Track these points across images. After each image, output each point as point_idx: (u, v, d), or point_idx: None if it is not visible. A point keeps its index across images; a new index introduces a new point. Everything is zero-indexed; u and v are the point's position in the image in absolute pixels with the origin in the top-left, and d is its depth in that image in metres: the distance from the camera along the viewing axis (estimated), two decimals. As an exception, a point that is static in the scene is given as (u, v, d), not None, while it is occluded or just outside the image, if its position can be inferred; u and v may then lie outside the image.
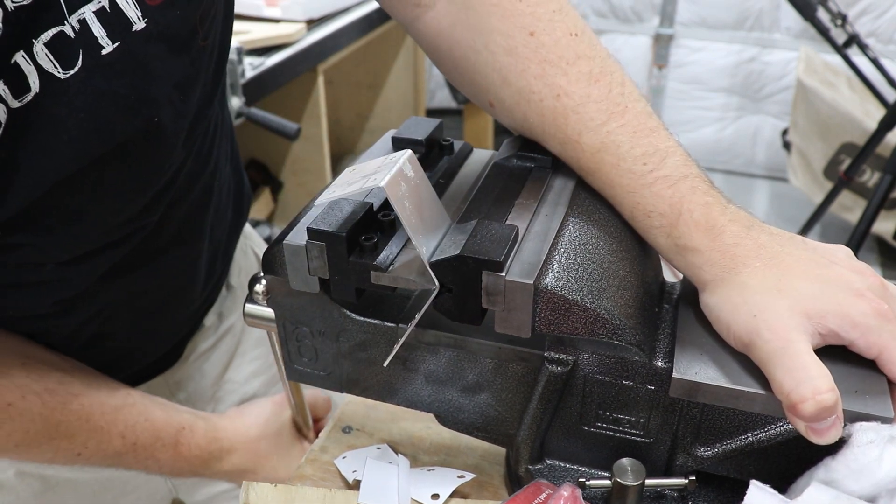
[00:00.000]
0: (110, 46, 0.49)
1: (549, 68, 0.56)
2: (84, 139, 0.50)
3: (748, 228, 0.52)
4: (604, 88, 0.55)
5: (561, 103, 0.55)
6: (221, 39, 0.65)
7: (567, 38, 0.56)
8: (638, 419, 0.54)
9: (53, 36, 0.46)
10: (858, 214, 2.12)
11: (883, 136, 2.14)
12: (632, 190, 0.54)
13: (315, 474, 0.67)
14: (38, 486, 0.76)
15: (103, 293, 0.66)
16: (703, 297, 0.53)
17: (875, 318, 0.48)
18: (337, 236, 0.49)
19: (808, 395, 0.45)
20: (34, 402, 0.61)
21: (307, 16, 1.86)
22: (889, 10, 2.93)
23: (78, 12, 0.47)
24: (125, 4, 0.50)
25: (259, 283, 0.58)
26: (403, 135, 0.62)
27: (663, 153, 0.54)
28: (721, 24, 3.19)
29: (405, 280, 0.50)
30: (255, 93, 1.62)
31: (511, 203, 0.55)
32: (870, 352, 0.48)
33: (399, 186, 0.47)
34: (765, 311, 0.48)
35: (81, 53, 0.48)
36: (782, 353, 0.47)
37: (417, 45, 0.69)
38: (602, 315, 0.49)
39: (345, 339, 0.58)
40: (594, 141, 0.54)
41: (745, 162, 3.40)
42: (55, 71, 0.47)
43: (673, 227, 0.53)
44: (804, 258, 0.51)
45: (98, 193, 0.55)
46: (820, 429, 0.46)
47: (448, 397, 0.58)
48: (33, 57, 0.46)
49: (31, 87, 0.46)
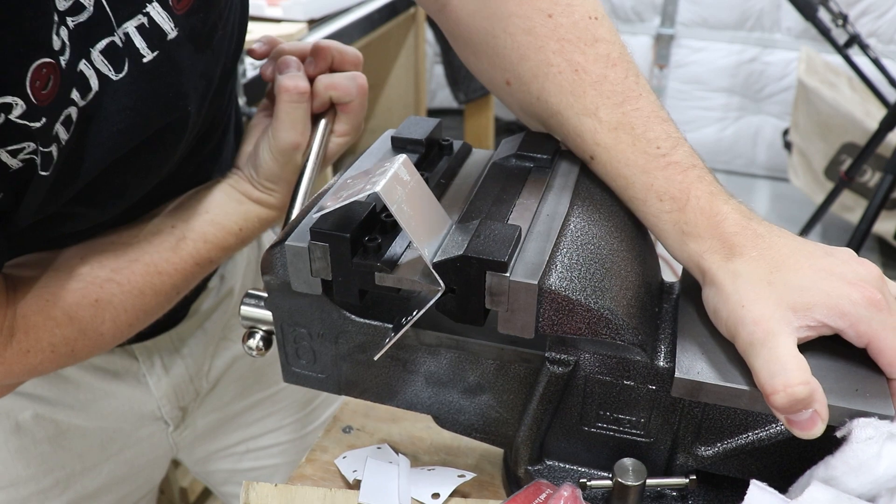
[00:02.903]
0: (150, 55, 0.57)
1: (567, 45, 0.57)
2: (130, 130, 0.57)
3: (748, 219, 0.53)
4: (621, 73, 0.56)
5: (579, 77, 0.56)
6: (241, 18, 0.70)
7: (586, 21, 0.57)
8: (639, 419, 0.54)
9: (107, 45, 0.54)
10: (859, 214, 2.12)
11: (884, 136, 2.14)
12: (647, 170, 0.54)
13: (315, 474, 0.67)
14: (53, 429, 0.80)
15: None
16: (704, 290, 0.54)
17: (865, 307, 0.48)
18: (341, 237, 0.49)
19: (780, 387, 0.46)
20: (111, 286, 0.64)
21: (308, 16, 1.86)
22: (890, 10, 2.93)
23: (123, 26, 0.55)
24: (160, 18, 0.57)
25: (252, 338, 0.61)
26: (402, 134, 0.62)
27: (675, 141, 0.55)
28: (722, 25, 3.19)
29: (409, 281, 0.50)
30: (256, 93, 1.62)
31: (512, 203, 0.55)
32: (860, 341, 0.49)
33: (395, 191, 0.47)
34: (752, 302, 0.49)
35: (127, 61, 0.56)
36: (761, 345, 0.47)
37: (418, 46, 0.71)
38: (605, 315, 0.49)
39: (344, 340, 0.58)
40: (612, 117, 0.55)
41: (745, 162, 3.40)
42: (110, 73, 0.55)
43: (681, 213, 0.53)
44: (799, 250, 0.51)
45: (139, 171, 0.63)
46: (797, 420, 0.46)
47: (448, 399, 0.58)
48: (92, 62, 0.54)
49: (93, 87, 0.54)
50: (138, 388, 0.84)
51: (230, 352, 0.92)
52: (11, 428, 0.78)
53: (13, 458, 0.79)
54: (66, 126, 0.53)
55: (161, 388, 0.85)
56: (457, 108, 2.99)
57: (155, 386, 0.85)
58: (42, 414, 0.79)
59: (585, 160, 0.59)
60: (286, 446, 1.03)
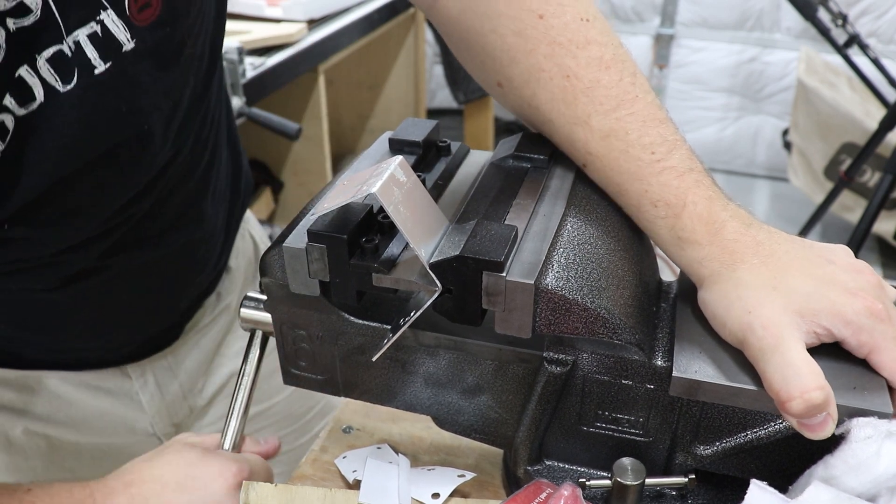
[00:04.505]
0: (102, 66, 0.53)
1: (558, 49, 0.55)
2: (78, 145, 0.54)
3: (747, 226, 0.52)
4: (615, 75, 0.55)
5: (570, 84, 0.55)
6: (213, 40, 0.68)
7: (577, 23, 0.56)
8: (637, 418, 0.55)
9: (54, 53, 0.51)
10: (859, 214, 2.11)
11: (883, 136, 2.14)
12: (640, 177, 0.53)
13: (315, 474, 0.67)
14: (45, 445, 0.79)
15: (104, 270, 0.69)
16: (701, 294, 0.54)
17: (867, 317, 0.48)
18: (338, 239, 0.49)
19: (796, 393, 0.45)
20: None
21: (308, 16, 1.86)
22: (890, 10, 2.93)
23: (74, 34, 0.51)
24: (115, 28, 0.53)
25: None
26: (400, 136, 0.62)
27: (671, 144, 0.54)
28: (722, 25, 3.19)
29: (406, 282, 0.50)
30: (256, 93, 1.62)
31: (509, 203, 0.55)
32: (861, 350, 0.49)
33: (392, 192, 0.47)
34: (759, 307, 0.49)
35: (77, 72, 0.52)
36: (773, 350, 0.47)
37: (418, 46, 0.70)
38: (602, 314, 0.49)
39: (343, 342, 0.58)
40: (604, 125, 0.54)
41: (745, 162, 3.40)
42: (56, 84, 0.52)
43: (677, 219, 0.52)
44: (801, 256, 0.51)
45: (92, 191, 0.59)
46: (811, 424, 0.46)
47: (447, 400, 0.58)
48: (37, 70, 0.50)
49: (37, 97, 0.51)
50: (131, 405, 0.83)
51: (226, 368, 0.91)
52: (3, 444, 0.78)
53: (5, 474, 0.79)
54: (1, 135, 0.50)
55: (154, 406, 0.85)
56: (456, 108, 2.99)
57: (148, 404, 0.84)
58: (33, 430, 0.78)
59: (580, 166, 0.58)
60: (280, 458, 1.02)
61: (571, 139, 0.56)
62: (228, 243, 0.88)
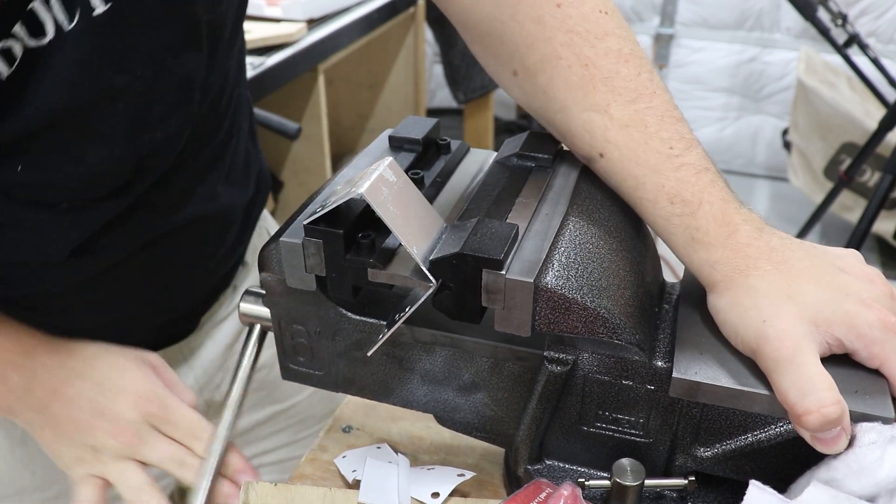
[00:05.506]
0: (101, 7, 0.52)
1: (576, 38, 0.55)
2: (75, 85, 0.54)
3: (760, 231, 0.52)
4: (633, 69, 0.54)
5: (589, 72, 0.54)
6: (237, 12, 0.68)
7: (596, 14, 0.55)
8: (637, 419, 0.54)
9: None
10: (859, 214, 2.11)
11: (883, 135, 2.14)
12: (659, 170, 0.52)
13: (315, 474, 0.67)
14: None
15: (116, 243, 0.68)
16: (712, 299, 0.53)
17: (881, 329, 0.47)
18: (334, 233, 0.49)
19: (813, 408, 0.45)
20: None
21: (308, 15, 1.86)
22: (889, 9, 2.93)
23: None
24: None
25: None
26: (400, 134, 0.62)
27: (688, 142, 0.53)
28: (721, 24, 3.19)
29: (401, 277, 0.50)
30: (256, 92, 1.62)
31: (512, 202, 0.55)
32: (872, 362, 0.48)
33: (380, 192, 0.47)
34: (774, 317, 0.48)
35: (78, 12, 0.51)
36: (789, 361, 0.47)
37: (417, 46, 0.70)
38: (602, 314, 0.49)
39: (341, 338, 0.58)
40: (623, 115, 0.54)
41: (745, 162, 3.40)
42: (64, 23, 0.51)
43: (692, 217, 0.52)
44: (814, 264, 0.51)
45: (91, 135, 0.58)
46: (825, 438, 0.46)
47: (444, 397, 0.58)
48: (49, 6, 0.50)
49: (47, 32, 0.51)
50: None
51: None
52: (18, 437, 0.77)
53: (20, 468, 0.78)
54: (8, 61, 0.50)
55: None
56: (456, 107, 2.99)
57: None
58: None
59: (592, 158, 0.57)
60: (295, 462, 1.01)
61: (589, 126, 0.55)
62: (244, 236, 0.88)
